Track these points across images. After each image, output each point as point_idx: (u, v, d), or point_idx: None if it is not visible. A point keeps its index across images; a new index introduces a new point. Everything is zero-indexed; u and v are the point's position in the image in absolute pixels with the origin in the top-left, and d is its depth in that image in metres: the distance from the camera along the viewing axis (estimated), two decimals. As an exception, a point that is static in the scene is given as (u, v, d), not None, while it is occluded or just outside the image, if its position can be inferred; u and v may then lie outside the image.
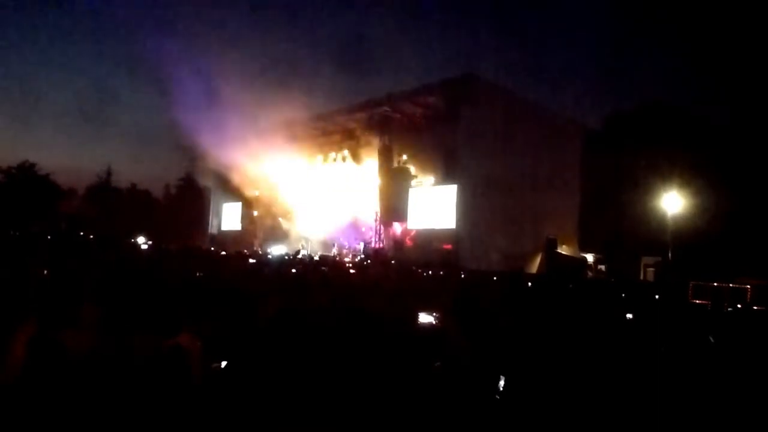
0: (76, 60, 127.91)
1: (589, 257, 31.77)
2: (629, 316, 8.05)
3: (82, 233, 41.90)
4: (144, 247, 24.49)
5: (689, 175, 28.99)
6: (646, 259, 29.68)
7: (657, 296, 14.36)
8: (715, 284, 19.06)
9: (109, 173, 64.84)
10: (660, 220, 28.43)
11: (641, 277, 28.43)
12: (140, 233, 41.61)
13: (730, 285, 19.21)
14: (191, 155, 42.26)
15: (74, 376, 3.54)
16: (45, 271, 7.51)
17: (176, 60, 33.49)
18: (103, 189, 63.34)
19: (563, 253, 30.70)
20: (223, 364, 4.55)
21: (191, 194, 55.76)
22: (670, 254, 26.86)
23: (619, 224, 32.76)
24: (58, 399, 3.33)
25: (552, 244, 30.03)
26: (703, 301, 15.72)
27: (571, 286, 15.70)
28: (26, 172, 59.08)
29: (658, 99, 39.91)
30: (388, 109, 32.70)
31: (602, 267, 31.15)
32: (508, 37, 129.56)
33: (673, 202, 27.80)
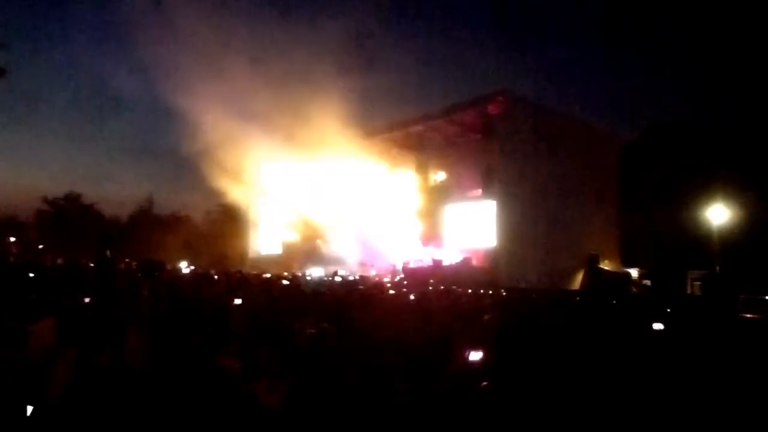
0: (114, 91, 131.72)
1: (633, 272, 31.07)
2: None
3: (126, 260, 42.82)
4: (186, 271, 24.87)
5: (734, 185, 28.22)
6: (693, 273, 28.87)
7: (705, 310, 13.93)
8: (767, 297, 18.41)
9: (150, 202, 66.39)
10: (706, 233, 27.66)
11: (688, 291, 27.65)
12: (182, 259, 42.35)
13: (782, 298, 18.53)
14: (230, 181, 42.94)
15: (118, 397, 3.61)
16: (86, 299, 7.65)
17: (214, 88, 34.18)
18: (146, 217, 64.77)
19: (606, 268, 30.09)
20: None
21: (231, 219, 56.56)
22: (717, 267, 26.09)
23: (663, 238, 31.99)
24: (103, 418, 3.40)
25: (594, 260, 29.47)
26: (755, 315, 15.17)
27: (615, 302, 15.35)
28: (72, 202, 60.93)
29: (699, 109, 39.13)
30: (423, 127, 32.77)
31: (647, 282, 30.40)
32: (541, 51, 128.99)
33: (718, 214, 27.04)
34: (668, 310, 12.48)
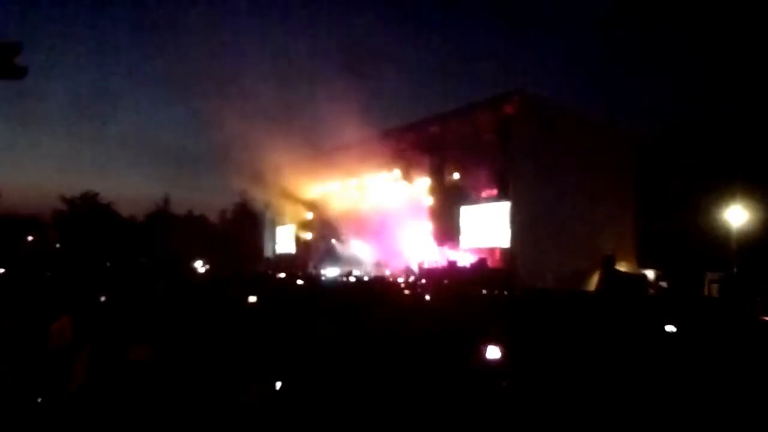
0: (130, 91, 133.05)
1: (650, 274, 30.75)
2: (671, 328, 7.73)
3: (142, 260, 43.20)
4: (201, 271, 25.06)
5: (753, 186, 27.85)
6: (711, 275, 28.51)
7: (722, 312, 13.80)
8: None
9: (166, 201, 66.91)
10: (724, 234, 27.33)
11: (706, 293, 27.34)
12: (198, 258, 42.66)
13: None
14: (245, 180, 43.29)
15: (133, 386, 3.69)
16: (102, 297, 7.76)
17: (230, 88, 34.43)
18: (162, 216, 65.24)
19: (622, 270, 29.83)
20: (278, 385, 4.56)
21: (246, 219, 56.88)
22: (735, 269, 25.76)
23: (680, 239, 31.64)
24: (119, 404, 3.49)
25: (610, 261, 29.21)
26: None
27: (630, 303, 15.24)
28: (89, 201, 61.58)
29: (718, 109, 38.69)
30: (437, 128, 32.72)
31: (663, 283, 30.08)
32: (555, 50, 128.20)
33: (737, 215, 26.71)
34: (684, 312, 12.38)
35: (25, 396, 3.58)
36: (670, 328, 7.96)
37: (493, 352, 4.96)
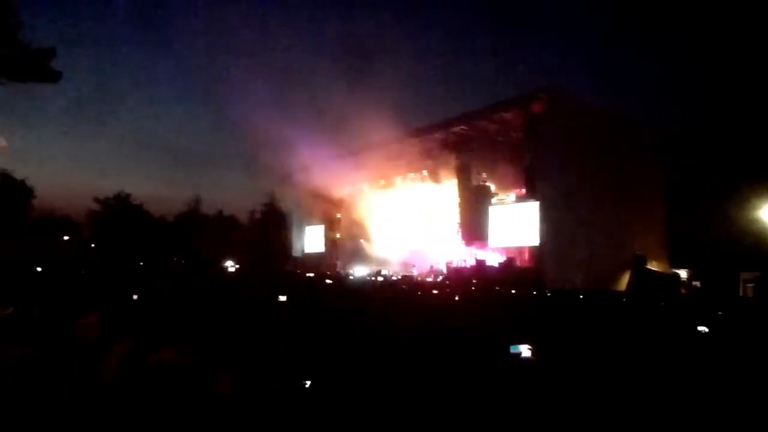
0: (159, 93, 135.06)
1: (683, 273, 30.28)
2: (704, 329, 7.63)
3: (174, 259, 43.87)
4: (231, 270, 25.38)
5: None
6: (746, 274, 27.96)
7: (758, 313, 13.56)
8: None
9: (197, 201, 67.78)
10: (760, 233, 26.77)
11: (740, 293, 26.83)
12: (227, 257, 43.22)
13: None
14: (274, 180, 43.70)
15: (163, 386, 3.77)
16: (134, 296, 7.92)
17: (257, 88, 34.76)
18: (193, 216, 66.10)
19: (653, 269, 29.44)
20: (308, 383, 4.63)
21: (275, 218, 57.33)
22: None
23: (714, 238, 31.06)
24: (147, 404, 3.57)
25: (640, 261, 28.84)
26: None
27: (662, 304, 15.06)
28: (122, 202, 62.77)
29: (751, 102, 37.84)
30: (464, 127, 32.62)
31: (696, 283, 29.58)
32: (581, 47, 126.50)
33: (773, 213, 26.14)
34: (718, 312, 12.20)
35: (48, 390, 3.68)
36: (702, 329, 7.87)
37: (522, 351, 4.98)
